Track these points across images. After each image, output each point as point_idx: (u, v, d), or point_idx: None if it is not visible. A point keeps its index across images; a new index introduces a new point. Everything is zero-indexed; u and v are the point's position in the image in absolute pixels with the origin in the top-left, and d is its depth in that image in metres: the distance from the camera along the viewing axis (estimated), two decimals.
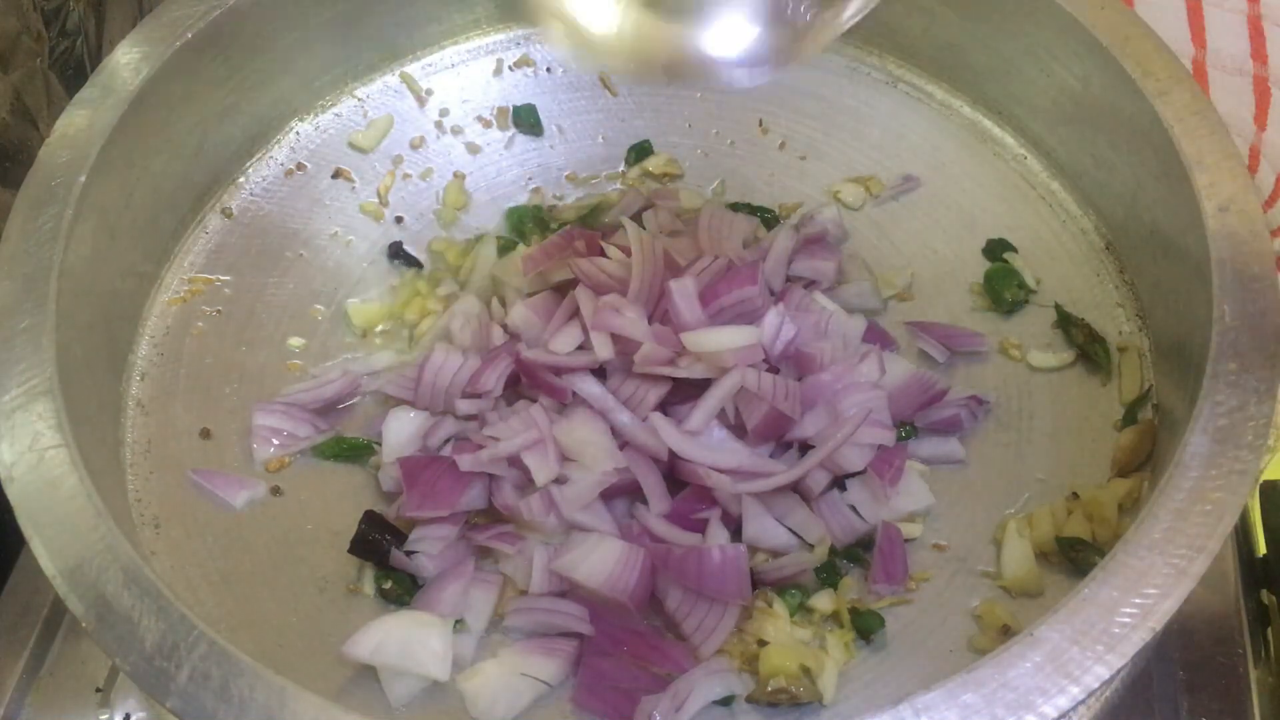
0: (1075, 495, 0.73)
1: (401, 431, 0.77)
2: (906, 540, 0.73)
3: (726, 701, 0.67)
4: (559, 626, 0.70)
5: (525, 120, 0.95)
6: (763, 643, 0.69)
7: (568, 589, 0.71)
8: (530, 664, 0.68)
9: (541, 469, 0.72)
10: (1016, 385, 0.80)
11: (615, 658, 0.68)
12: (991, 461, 0.77)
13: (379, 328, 0.84)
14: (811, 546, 0.72)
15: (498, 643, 0.70)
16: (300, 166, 0.92)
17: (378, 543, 0.72)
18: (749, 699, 0.67)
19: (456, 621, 0.70)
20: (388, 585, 0.72)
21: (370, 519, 0.73)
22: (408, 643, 0.67)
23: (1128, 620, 0.57)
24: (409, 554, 0.71)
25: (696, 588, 0.68)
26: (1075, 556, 0.71)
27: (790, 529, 0.72)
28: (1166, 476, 0.61)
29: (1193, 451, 0.62)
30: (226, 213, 0.89)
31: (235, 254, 0.87)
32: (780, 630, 0.69)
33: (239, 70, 0.86)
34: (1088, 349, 0.79)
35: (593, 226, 0.87)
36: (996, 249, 0.85)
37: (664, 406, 0.74)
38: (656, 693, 0.66)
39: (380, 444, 0.77)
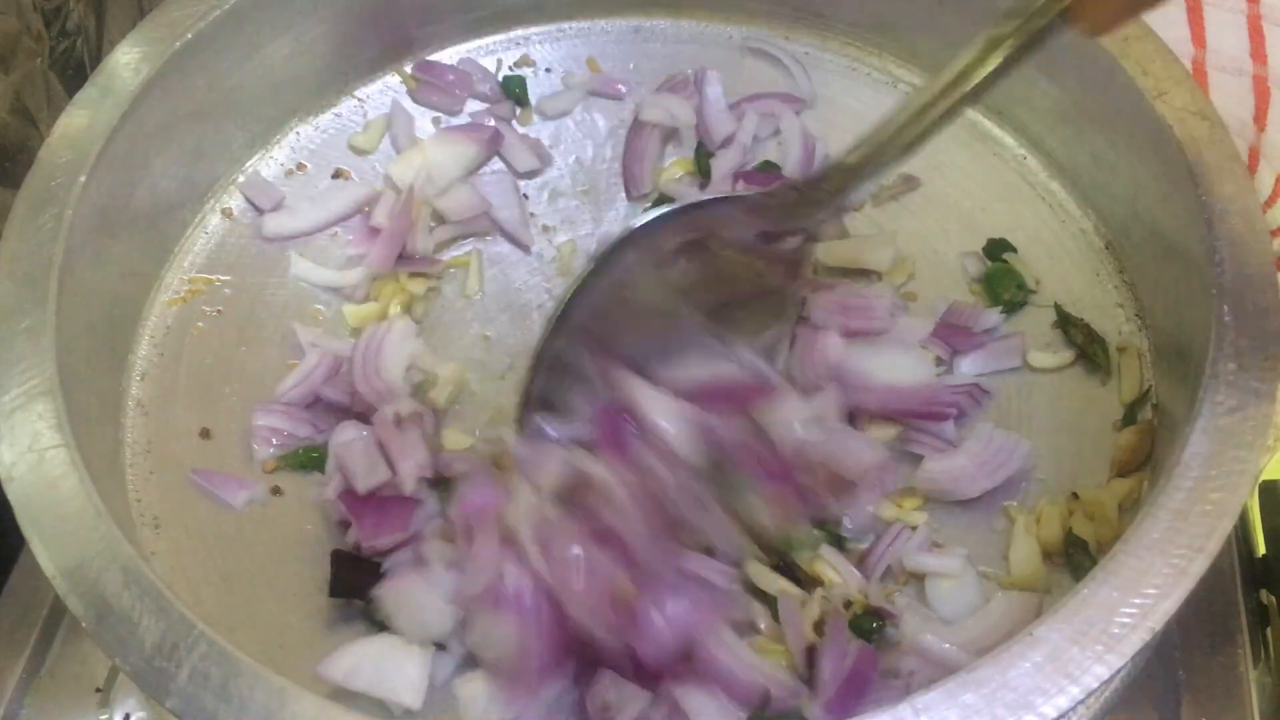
0: (1075, 495, 0.73)
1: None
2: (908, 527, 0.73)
3: None
4: None
5: (513, 91, 0.94)
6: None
7: None
8: None
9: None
10: (1016, 385, 0.80)
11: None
12: None
13: None
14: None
15: None
16: (300, 166, 0.92)
17: (352, 580, 0.70)
18: None
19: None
20: (379, 617, 0.69)
21: (339, 559, 0.71)
22: (383, 668, 0.66)
23: (1127, 620, 0.57)
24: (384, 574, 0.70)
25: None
26: (1073, 557, 0.71)
27: None
28: (1166, 476, 0.61)
29: (1193, 451, 0.62)
30: (226, 213, 0.89)
31: (235, 254, 0.87)
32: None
33: (239, 70, 0.86)
34: (1087, 349, 0.79)
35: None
36: (996, 249, 0.85)
37: None
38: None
39: None
